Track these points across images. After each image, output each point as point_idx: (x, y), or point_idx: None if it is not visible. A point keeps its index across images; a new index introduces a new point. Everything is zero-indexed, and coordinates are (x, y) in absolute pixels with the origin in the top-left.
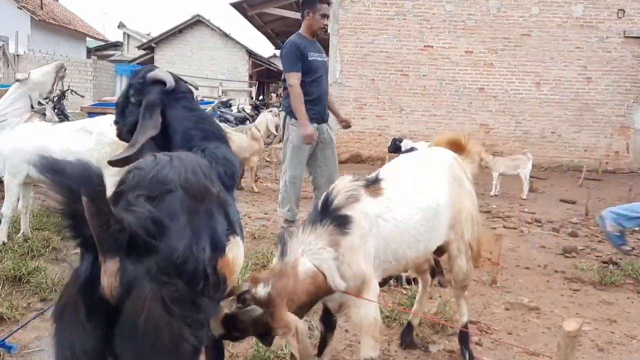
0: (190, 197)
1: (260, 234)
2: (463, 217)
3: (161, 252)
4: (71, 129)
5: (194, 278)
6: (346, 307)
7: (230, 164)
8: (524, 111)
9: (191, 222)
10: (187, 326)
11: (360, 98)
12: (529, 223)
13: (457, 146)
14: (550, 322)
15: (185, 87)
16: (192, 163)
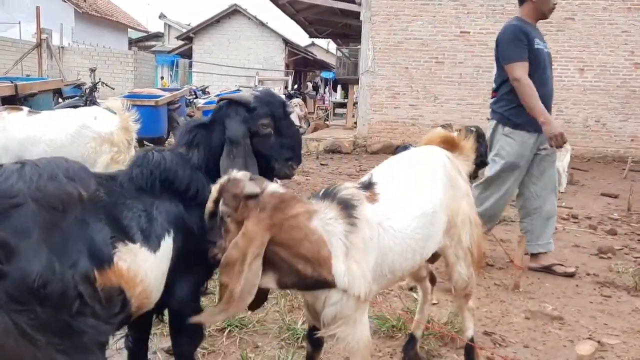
0: (45, 209)
1: None
2: (459, 221)
3: (9, 277)
4: (54, 119)
5: (62, 300)
6: (339, 322)
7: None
8: (566, 99)
9: (49, 237)
10: (62, 354)
11: (393, 87)
12: (564, 219)
13: (450, 144)
14: (573, 334)
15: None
16: (50, 167)
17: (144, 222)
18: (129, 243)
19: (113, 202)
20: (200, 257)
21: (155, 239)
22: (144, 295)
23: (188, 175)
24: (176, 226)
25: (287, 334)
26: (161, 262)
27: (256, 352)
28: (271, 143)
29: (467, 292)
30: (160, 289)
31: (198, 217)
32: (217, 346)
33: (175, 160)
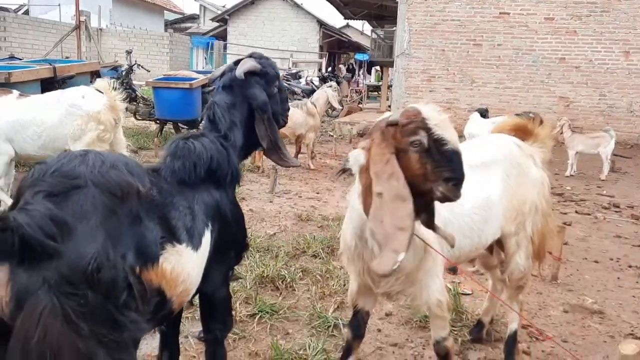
0: (106, 195)
1: (308, 215)
2: (526, 209)
3: (64, 257)
4: (44, 101)
5: (112, 289)
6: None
7: (192, 155)
8: (609, 83)
9: (107, 223)
10: (103, 347)
11: (429, 69)
12: (606, 208)
13: (523, 132)
14: (614, 329)
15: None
16: (113, 157)
17: (189, 221)
18: (176, 244)
19: (163, 202)
20: (232, 243)
21: (197, 237)
22: (185, 294)
23: (229, 162)
24: (213, 217)
25: (318, 321)
26: (202, 259)
27: (287, 339)
28: (277, 100)
29: (521, 284)
30: (198, 283)
31: (232, 202)
32: (247, 332)
33: (216, 148)
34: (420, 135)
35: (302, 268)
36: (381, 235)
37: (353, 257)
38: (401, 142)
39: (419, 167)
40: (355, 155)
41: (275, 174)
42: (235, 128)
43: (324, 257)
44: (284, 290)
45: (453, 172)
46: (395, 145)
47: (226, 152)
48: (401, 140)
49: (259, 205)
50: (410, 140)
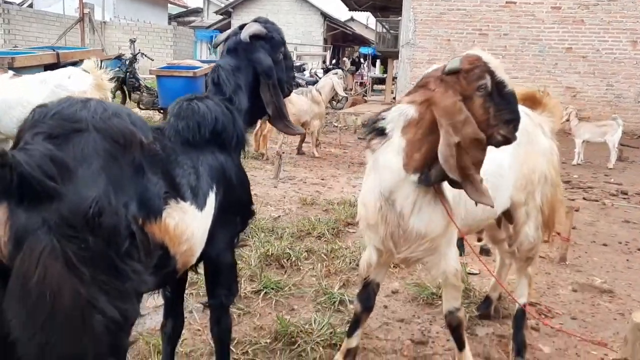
0: (108, 141)
1: (312, 200)
2: (535, 178)
3: (65, 199)
4: (30, 81)
5: (113, 236)
6: (433, 252)
7: (196, 115)
8: (617, 73)
9: (108, 169)
10: (104, 294)
11: (434, 60)
12: (614, 195)
13: (531, 101)
14: (624, 307)
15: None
16: (115, 106)
17: (193, 180)
18: (180, 201)
19: (167, 158)
20: (238, 208)
21: (202, 197)
22: (190, 253)
23: (234, 125)
24: (218, 180)
25: (324, 297)
26: (207, 219)
27: (292, 314)
28: (283, 67)
29: (531, 256)
30: (204, 243)
31: (237, 166)
32: (252, 307)
33: (220, 110)
34: (486, 79)
35: (307, 248)
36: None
37: (376, 220)
38: (467, 88)
39: (482, 112)
40: (400, 109)
41: (279, 159)
42: (240, 92)
43: (329, 238)
44: (289, 269)
45: (513, 113)
46: (461, 92)
47: (231, 115)
48: (467, 86)
49: (264, 190)
50: (477, 85)
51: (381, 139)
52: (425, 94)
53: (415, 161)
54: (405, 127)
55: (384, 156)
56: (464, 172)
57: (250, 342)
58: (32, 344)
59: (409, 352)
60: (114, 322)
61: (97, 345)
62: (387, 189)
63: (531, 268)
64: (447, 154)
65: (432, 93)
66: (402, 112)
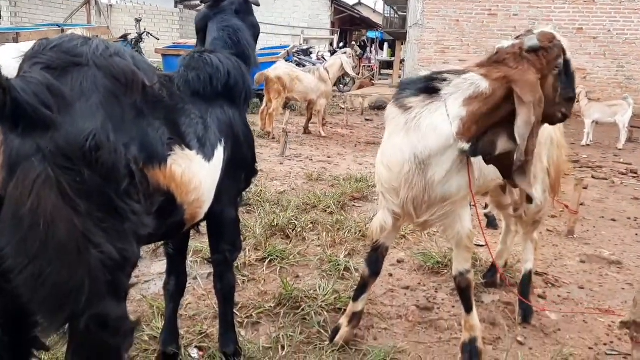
0: (109, 78)
1: (318, 176)
2: (542, 139)
3: (61, 129)
4: (13, 51)
5: (111, 173)
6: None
7: (208, 67)
8: (628, 54)
9: (108, 106)
10: (100, 230)
11: (442, 41)
12: (623, 174)
13: None
14: (632, 278)
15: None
16: (118, 47)
17: (201, 130)
18: (185, 149)
19: (174, 105)
20: (243, 164)
21: (210, 148)
22: (197, 205)
23: (244, 81)
24: (227, 135)
25: (328, 265)
26: (215, 172)
27: (297, 281)
28: None
29: (537, 219)
30: (212, 197)
31: (244, 122)
32: (257, 274)
33: (232, 64)
34: (561, 59)
35: (313, 220)
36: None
37: (400, 184)
38: (546, 67)
39: (552, 91)
40: (472, 79)
41: (286, 137)
42: (250, 49)
43: (335, 210)
44: (294, 238)
45: (574, 92)
46: (540, 71)
47: (242, 70)
48: (546, 65)
49: (270, 166)
50: (555, 64)
51: (427, 99)
52: (504, 70)
53: (471, 132)
54: (471, 98)
55: (432, 119)
56: (527, 156)
57: (254, 306)
58: (24, 273)
59: (414, 317)
60: (112, 260)
61: (94, 281)
62: (426, 153)
63: (536, 233)
64: (524, 132)
65: (513, 70)
66: (474, 82)
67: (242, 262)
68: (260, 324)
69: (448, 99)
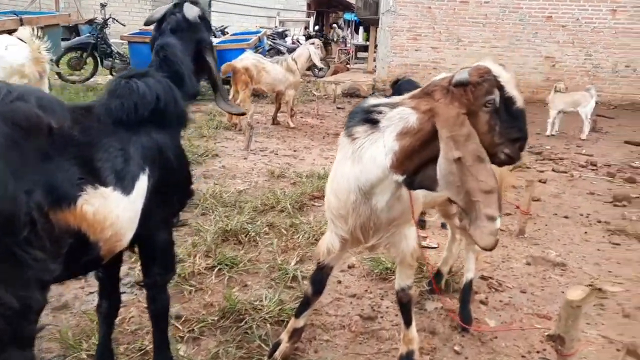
0: (9, 125)
1: (281, 172)
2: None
3: None
4: None
5: (9, 223)
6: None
7: (134, 95)
8: (595, 42)
9: (7, 153)
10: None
11: (415, 28)
12: (583, 167)
13: None
14: (575, 280)
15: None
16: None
17: (120, 163)
18: (100, 187)
19: (88, 142)
20: (175, 188)
21: (130, 180)
22: (116, 239)
23: (176, 104)
24: (152, 161)
25: (278, 273)
26: (135, 203)
27: (244, 290)
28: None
29: None
30: (134, 227)
31: (176, 146)
32: (205, 284)
33: (162, 88)
34: (494, 95)
35: (269, 222)
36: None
37: (347, 212)
38: (474, 102)
39: (487, 129)
40: (402, 113)
41: (250, 130)
42: (186, 70)
43: (291, 212)
44: (247, 244)
45: (521, 131)
46: (467, 106)
47: (173, 93)
48: (474, 101)
49: (232, 162)
50: (485, 101)
51: (369, 129)
52: (429, 103)
53: (405, 166)
54: (402, 133)
55: (371, 151)
56: (470, 198)
57: (197, 319)
58: None
59: (357, 327)
60: (12, 309)
61: None
62: (368, 184)
63: None
64: (446, 169)
65: (436, 103)
66: (404, 117)
67: (190, 271)
68: (201, 339)
69: (385, 131)
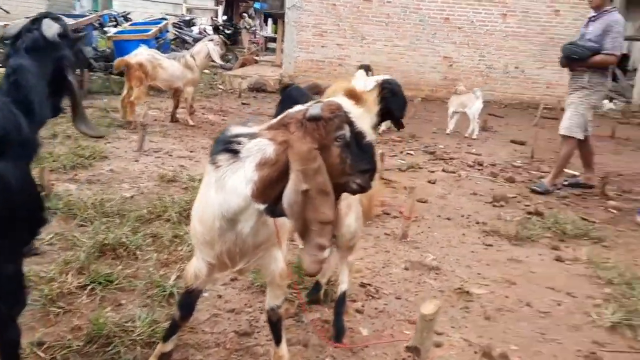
0: None
1: (174, 176)
2: None
3: None
4: None
5: None
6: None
7: None
8: (488, 44)
9: None
10: None
11: (320, 24)
12: (470, 166)
13: (354, 97)
14: (446, 284)
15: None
16: None
17: None
18: None
19: None
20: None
21: None
22: None
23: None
24: None
25: (155, 290)
26: None
27: (117, 310)
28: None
29: (351, 245)
30: None
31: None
32: (75, 305)
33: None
34: (345, 130)
35: (153, 233)
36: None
37: (213, 239)
38: (326, 137)
39: (339, 162)
40: (260, 145)
41: (143, 130)
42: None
43: (176, 222)
44: (125, 259)
45: (370, 163)
46: (318, 141)
47: (15, 119)
48: (325, 136)
49: (122, 165)
50: (336, 136)
51: (231, 158)
52: (285, 135)
53: (266, 196)
54: (260, 164)
55: (233, 180)
56: (306, 225)
57: (62, 345)
58: None
59: (232, 344)
60: None
61: None
62: (231, 212)
63: (352, 256)
64: (292, 199)
65: (291, 136)
66: (261, 148)
67: (59, 292)
68: None
69: (246, 161)
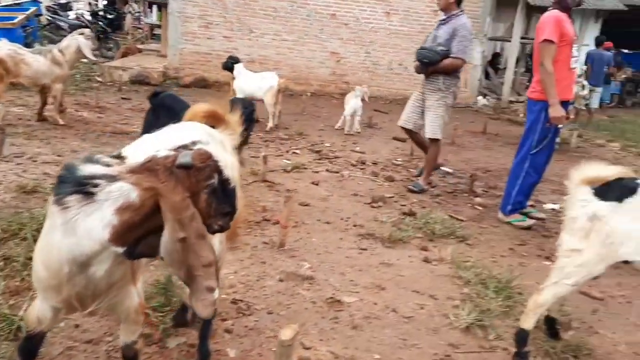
0: None
1: (35, 186)
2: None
3: None
4: None
5: None
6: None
7: None
8: (374, 41)
9: None
10: None
11: (206, 15)
12: (353, 165)
13: (215, 118)
14: (319, 294)
15: None
16: None
17: None
18: None
19: None
20: None
21: None
22: None
23: None
24: None
25: (2, 324)
26: None
27: None
28: None
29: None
30: None
31: None
32: None
33: None
34: (215, 178)
35: (5, 256)
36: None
37: (60, 283)
38: (196, 186)
39: (205, 206)
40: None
41: (2, 134)
42: None
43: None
44: None
45: (231, 207)
46: (190, 189)
47: None
48: (196, 184)
49: None
50: (207, 184)
51: (83, 200)
52: (153, 182)
53: (125, 239)
54: (122, 208)
55: (86, 223)
56: (191, 272)
57: None
58: None
59: None
60: None
61: None
62: (83, 256)
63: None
64: (171, 248)
65: (160, 185)
66: (124, 193)
67: None
68: None
69: (104, 204)
